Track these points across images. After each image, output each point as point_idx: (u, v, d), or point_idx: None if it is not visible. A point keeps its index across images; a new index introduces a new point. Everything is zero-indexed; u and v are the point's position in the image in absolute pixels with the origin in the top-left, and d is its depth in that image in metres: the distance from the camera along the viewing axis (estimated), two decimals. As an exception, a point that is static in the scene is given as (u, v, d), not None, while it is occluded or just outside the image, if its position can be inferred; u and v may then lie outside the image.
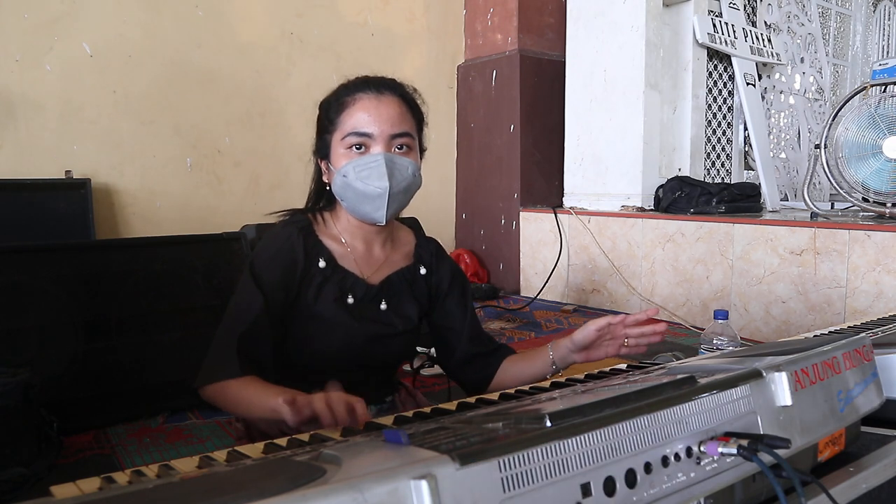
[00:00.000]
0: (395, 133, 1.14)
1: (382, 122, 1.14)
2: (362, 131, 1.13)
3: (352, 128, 1.14)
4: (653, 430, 0.54)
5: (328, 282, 1.18)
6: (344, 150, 1.15)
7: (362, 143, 1.14)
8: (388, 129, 1.14)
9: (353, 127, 1.14)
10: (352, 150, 1.14)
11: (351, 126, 1.14)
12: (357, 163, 1.13)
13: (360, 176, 1.13)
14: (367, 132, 1.13)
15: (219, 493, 0.40)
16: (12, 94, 2.61)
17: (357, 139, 1.14)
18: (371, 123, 1.13)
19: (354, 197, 1.15)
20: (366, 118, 1.13)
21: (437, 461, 0.43)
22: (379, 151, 1.13)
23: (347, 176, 1.14)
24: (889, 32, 5.09)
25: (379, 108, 1.14)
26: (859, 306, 2.34)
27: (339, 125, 1.15)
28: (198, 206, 3.07)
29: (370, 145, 1.14)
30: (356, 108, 1.14)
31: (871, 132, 2.56)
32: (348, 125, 1.14)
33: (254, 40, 3.20)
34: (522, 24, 3.61)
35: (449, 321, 1.33)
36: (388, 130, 1.14)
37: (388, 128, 1.14)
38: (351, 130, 1.14)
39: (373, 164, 1.13)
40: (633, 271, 3.10)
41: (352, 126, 1.14)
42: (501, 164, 3.70)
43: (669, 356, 1.16)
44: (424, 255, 1.32)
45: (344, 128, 1.15)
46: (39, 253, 1.78)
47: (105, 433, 1.72)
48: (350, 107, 1.15)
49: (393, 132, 1.14)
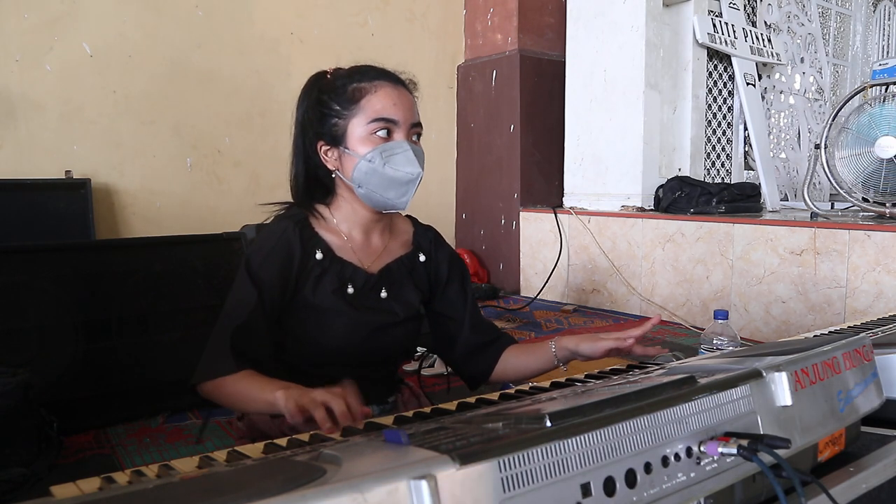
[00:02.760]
0: (414, 122, 1.16)
1: (406, 111, 1.15)
2: (389, 117, 1.13)
3: (377, 113, 1.13)
4: (653, 430, 0.54)
5: (326, 273, 1.17)
6: (367, 136, 1.13)
7: (388, 128, 1.14)
8: (410, 117, 1.15)
9: (378, 112, 1.13)
10: (376, 136, 1.13)
11: (376, 112, 1.13)
12: (385, 148, 1.13)
13: (389, 161, 1.12)
14: (394, 119, 1.13)
15: (219, 493, 0.40)
16: (12, 94, 2.61)
17: (383, 125, 1.13)
18: (396, 111, 1.14)
19: (380, 183, 1.14)
20: (391, 105, 1.13)
21: (437, 461, 0.43)
22: (402, 138, 1.14)
23: (373, 161, 1.12)
24: (889, 32, 5.09)
25: (401, 97, 1.15)
26: (859, 306, 2.34)
27: (360, 110, 1.14)
28: (198, 206, 3.07)
29: (394, 131, 1.14)
30: (380, 95, 1.14)
31: (871, 132, 2.56)
32: (372, 111, 1.13)
33: (254, 40, 3.20)
34: (522, 24, 3.61)
35: (450, 310, 1.32)
36: (410, 119, 1.15)
37: (409, 116, 1.15)
38: (377, 116, 1.13)
39: (401, 150, 1.13)
40: (633, 271, 3.10)
41: (377, 112, 1.13)
42: (501, 164, 3.70)
43: (669, 356, 1.16)
44: (423, 242, 1.31)
45: (367, 113, 1.13)
46: (39, 253, 1.78)
47: (105, 433, 1.72)
48: (372, 93, 1.14)
49: (413, 121, 1.16)
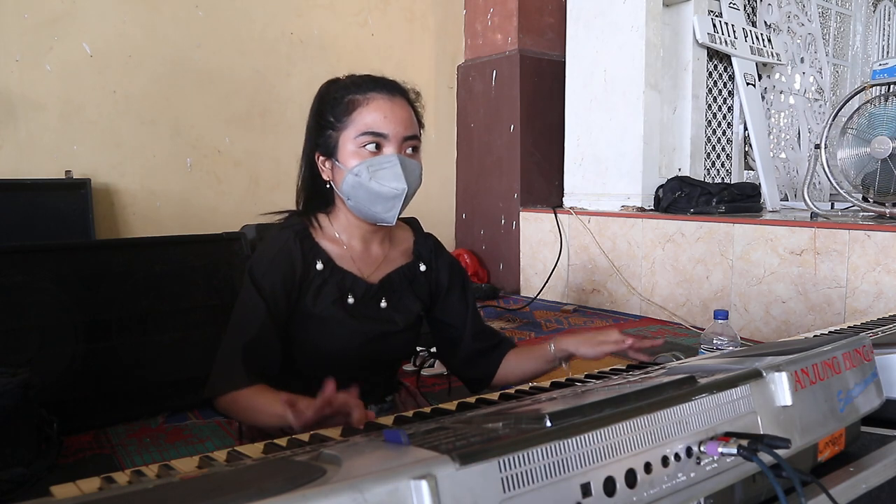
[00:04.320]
0: (407, 135, 1.15)
1: (397, 124, 1.13)
2: (378, 131, 1.12)
3: (366, 127, 1.13)
4: (653, 430, 0.54)
5: (327, 283, 1.17)
6: (356, 149, 1.13)
7: (377, 142, 1.13)
8: (402, 130, 1.14)
9: (367, 126, 1.13)
10: (364, 150, 1.13)
11: (365, 125, 1.13)
12: (372, 162, 1.12)
13: (375, 176, 1.12)
14: (383, 132, 1.13)
15: (219, 493, 0.40)
16: (12, 94, 2.61)
17: (372, 138, 1.13)
18: (386, 124, 1.13)
19: (366, 197, 1.14)
20: (381, 119, 1.13)
21: (437, 461, 0.43)
22: (392, 152, 1.13)
23: (360, 175, 1.12)
24: (889, 32, 5.09)
25: (393, 110, 1.14)
26: (859, 306, 2.34)
27: (351, 123, 1.14)
28: (198, 206, 3.07)
29: (384, 145, 1.13)
30: (371, 108, 1.13)
31: (871, 132, 2.56)
32: (362, 124, 1.13)
33: (254, 40, 3.20)
34: (522, 24, 3.61)
35: (451, 318, 1.32)
36: (402, 132, 1.14)
37: (401, 129, 1.14)
38: (366, 129, 1.12)
39: (388, 165, 1.12)
40: (633, 271, 3.10)
41: (366, 125, 1.13)
42: (501, 164, 3.70)
43: (669, 356, 1.16)
44: (424, 251, 1.31)
45: (357, 126, 1.13)
46: (39, 253, 1.78)
47: (105, 433, 1.72)
48: (363, 106, 1.14)
49: (406, 134, 1.14)
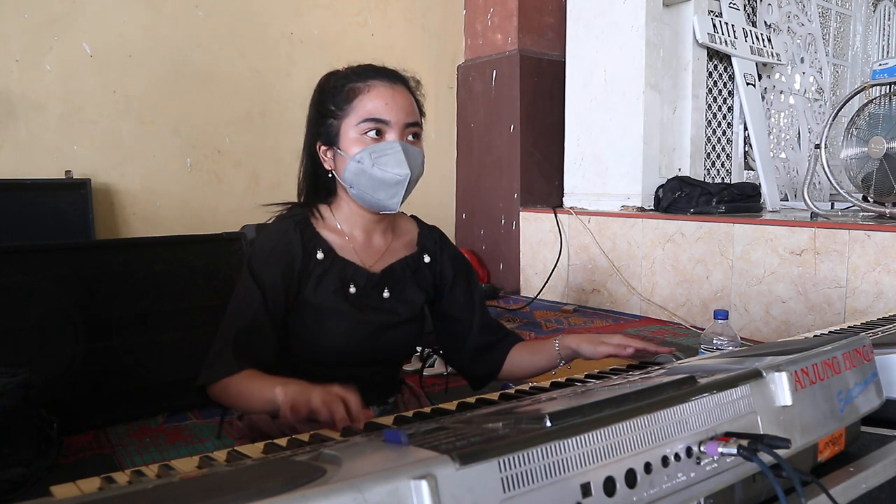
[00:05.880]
0: (409, 122, 1.15)
1: (398, 111, 1.14)
2: (379, 118, 1.13)
3: (368, 114, 1.13)
4: (653, 430, 0.54)
5: (328, 273, 1.17)
6: (358, 136, 1.14)
7: (379, 129, 1.13)
8: (404, 117, 1.14)
9: (369, 113, 1.13)
10: (366, 137, 1.13)
11: (367, 112, 1.13)
12: (374, 149, 1.12)
13: (377, 162, 1.12)
14: (384, 119, 1.13)
15: (219, 493, 0.40)
16: (12, 94, 2.61)
17: (374, 125, 1.13)
18: (388, 111, 1.13)
19: (369, 184, 1.14)
20: (382, 105, 1.13)
21: (437, 461, 0.43)
22: (394, 139, 1.13)
23: (362, 162, 1.13)
24: (889, 32, 5.09)
25: (395, 97, 1.14)
26: (859, 306, 2.34)
27: (352, 111, 1.14)
28: (198, 206, 3.07)
29: (385, 132, 1.14)
30: (372, 95, 1.14)
31: (871, 132, 2.56)
32: (363, 111, 1.13)
33: (254, 40, 3.20)
34: (522, 24, 3.61)
35: (457, 311, 1.31)
36: (404, 119, 1.14)
37: (403, 116, 1.14)
38: (367, 116, 1.13)
39: (391, 151, 1.13)
40: (633, 271, 3.10)
41: (368, 112, 1.13)
42: (501, 163, 3.70)
43: (669, 356, 1.16)
44: (428, 243, 1.30)
45: (358, 113, 1.13)
46: (39, 253, 1.78)
47: (105, 433, 1.72)
48: (364, 93, 1.14)
49: (407, 121, 1.15)
